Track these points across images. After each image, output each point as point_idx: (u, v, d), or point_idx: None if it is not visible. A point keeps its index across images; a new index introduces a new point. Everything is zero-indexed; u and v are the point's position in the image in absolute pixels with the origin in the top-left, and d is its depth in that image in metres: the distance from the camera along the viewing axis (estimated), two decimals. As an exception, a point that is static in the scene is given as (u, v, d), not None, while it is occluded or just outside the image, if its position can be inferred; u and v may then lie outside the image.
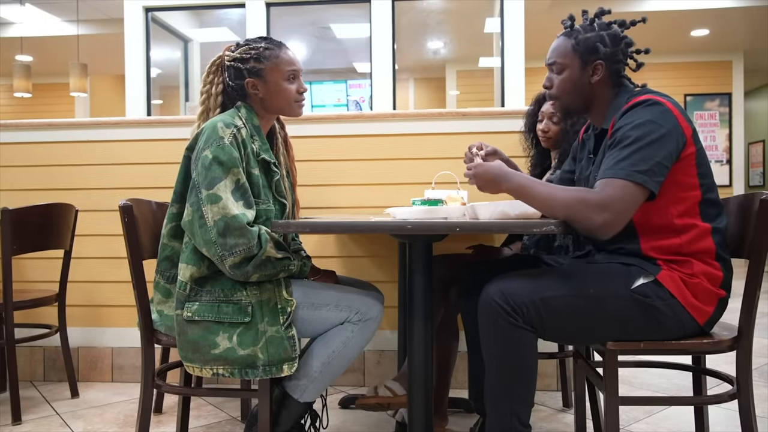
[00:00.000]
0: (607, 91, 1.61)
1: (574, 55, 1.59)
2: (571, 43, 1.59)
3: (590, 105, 1.63)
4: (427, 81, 9.65)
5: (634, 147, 1.41)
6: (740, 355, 1.51)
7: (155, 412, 2.36)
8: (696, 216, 1.49)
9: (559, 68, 1.61)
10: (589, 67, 1.59)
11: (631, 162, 1.40)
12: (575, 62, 1.59)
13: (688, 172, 1.47)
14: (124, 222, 1.72)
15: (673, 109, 1.47)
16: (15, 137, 2.84)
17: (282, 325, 1.59)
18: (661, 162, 1.41)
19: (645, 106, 1.47)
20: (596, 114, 1.64)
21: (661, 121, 1.43)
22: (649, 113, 1.45)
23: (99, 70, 8.41)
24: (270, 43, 1.77)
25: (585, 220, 1.38)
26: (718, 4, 6.18)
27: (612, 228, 1.39)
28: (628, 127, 1.45)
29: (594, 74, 1.59)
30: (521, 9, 4.01)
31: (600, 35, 1.58)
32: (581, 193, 1.42)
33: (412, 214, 1.51)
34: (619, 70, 1.61)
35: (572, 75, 1.60)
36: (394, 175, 2.65)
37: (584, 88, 1.60)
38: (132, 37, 4.42)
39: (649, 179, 1.39)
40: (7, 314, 2.27)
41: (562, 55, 1.60)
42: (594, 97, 1.61)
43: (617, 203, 1.38)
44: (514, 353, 1.45)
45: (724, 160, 7.83)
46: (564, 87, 1.61)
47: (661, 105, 1.46)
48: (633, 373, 2.82)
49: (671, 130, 1.43)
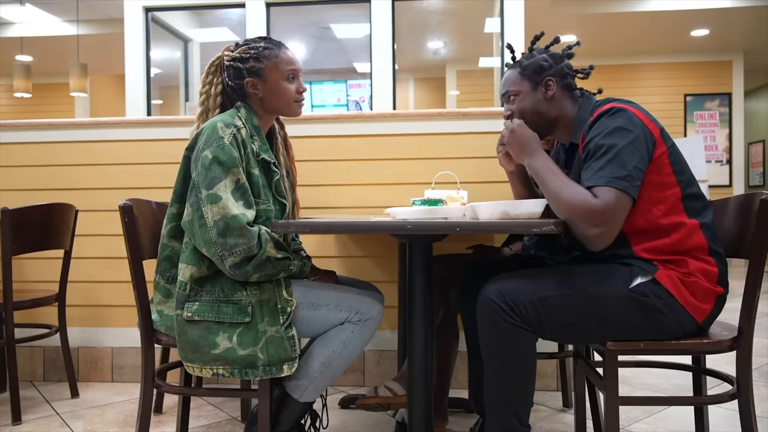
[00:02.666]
0: (567, 106, 1.68)
1: (522, 80, 1.69)
2: (517, 71, 1.70)
3: (554, 123, 1.70)
4: (427, 81, 9.66)
5: (608, 156, 1.45)
6: (740, 355, 1.51)
7: (155, 412, 2.36)
8: (681, 213, 1.51)
9: (513, 96, 1.70)
10: (541, 86, 1.67)
11: (609, 170, 1.44)
12: (525, 86, 1.68)
13: (663, 171, 1.50)
14: (124, 222, 1.72)
15: (637, 113, 1.51)
16: (15, 137, 2.84)
17: (282, 325, 1.59)
18: (637, 166, 1.45)
19: (609, 115, 1.51)
20: (562, 130, 1.71)
21: (629, 127, 1.47)
22: (615, 121, 1.49)
23: (99, 70, 8.41)
24: (269, 43, 1.77)
25: (582, 228, 1.43)
26: (718, 4, 6.18)
27: (603, 240, 1.44)
28: (598, 138, 1.49)
29: (547, 91, 1.67)
30: (521, 9, 4.01)
31: (541, 56, 1.68)
32: (586, 198, 1.43)
33: (412, 214, 1.51)
34: (570, 84, 1.69)
35: (527, 98, 1.68)
36: (394, 175, 2.65)
37: (542, 108, 1.68)
38: (132, 37, 4.42)
39: (629, 185, 1.43)
40: (7, 314, 2.27)
41: (512, 83, 1.70)
42: (555, 114, 1.68)
43: (612, 213, 1.41)
44: (512, 353, 1.45)
45: (724, 160, 7.83)
46: (523, 111, 1.69)
47: (625, 111, 1.51)
48: (633, 373, 2.82)
49: (639, 135, 1.47)
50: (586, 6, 6.35)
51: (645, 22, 6.67)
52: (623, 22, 6.65)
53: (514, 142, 1.62)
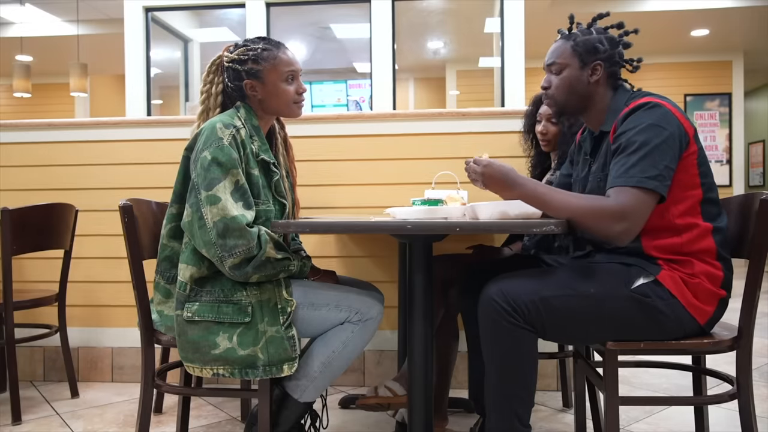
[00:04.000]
0: (604, 93, 1.63)
1: (573, 56, 1.61)
2: (570, 45, 1.62)
3: (587, 106, 1.64)
4: (427, 81, 9.65)
5: (641, 153, 1.43)
6: (740, 355, 1.51)
7: (155, 412, 2.36)
8: (697, 215, 1.50)
9: (558, 68, 1.63)
10: (588, 67, 1.61)
11: (641, 168, 1.41)
12: (574, 62, 1.61)
13: (690, 172, 1.48)
14: (124, 222, 1.72)
15: (674, 111, 1.48)
16: (15, 137, 2.84)
17: (282, 325, 1.59)
18: (669, 165, 1.43)
19: (646, 109, 1.48)
20: (593, 116, 1.65)
21: (664, 124, 1.45)
22: (651, 117, 1.46)
23: (99, 70, 8.41)
24: (268, 44, 1.77)
25: (604, 229, 1.41)
26: (718, 4, 6.18)
27: (630, 236, 1.42)
28: (632, 132, 1.46)
29: (593, 74, 1.61)
30: (521, 9, 4.01)
31: (598, 37, 1.61)
32: (597, 201, 1.43)
33: (412, 214, 1.51)
34: (616, 72, 1.64)
35: (571, 74, 1.61)
36: (394, 175, 2.65)
37: (582, 89, 1.62)
38: (132, 37, 4.42)
39: (660, 184, 1.41)
40: (7, 314, 2.27)
41: (561, 55, 1.63)
42: (591, 98, 1.63)
43: (634, 212, 1.40)
44: (514, 353, 1.45)
45: (724, 160, 7.83)
46: (563, 86, 1.63)
47: (661, 107, 1.48)
48: (633, 373, 2.82)
49: (674, 132, 1.45)
50: (586, 6, 6.35)
51: (645, 22, 6.66)
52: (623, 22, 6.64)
53: (491, 182, 1.53)
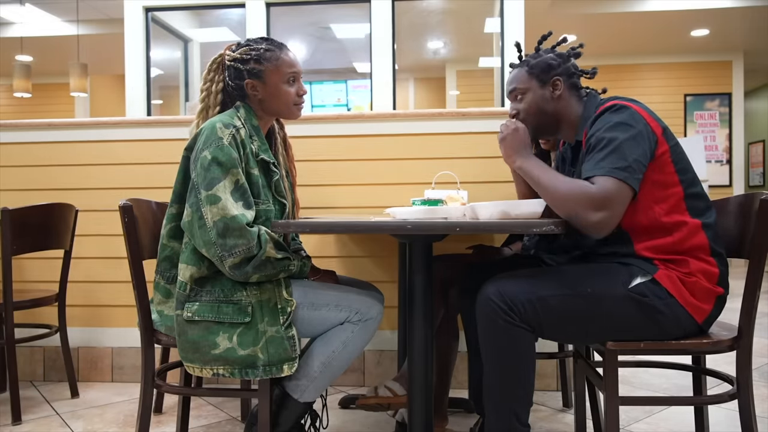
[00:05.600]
0: (573, 105, 1.69)
1: (530, 78, 1.69)
2: (525, 69, 1.71)
3: (559, 121, 1.70)
4: (427, 81, 9.65)
5: (609, 148, 1.46)
6: (740, 355, 1.51)
7: (155, 412, 2.36)
8: (683, 212, 1.51)
9: (520, 94, 1.71)
10: (548, 84, 1.68)
11: (610, 161, 1.44)
12: (534, 84, 1.69)
13: (665, 170, 1.50)
14: (124, 222, 1.72)
15: (640, 111, 1.52)
16: (15, 137, 2.84)
17: (282, 325, 1.59)
18: (638, 159, 1.45)
19: (613, 111, 1.52)
20: (567, 129, 1.71)
21: (632, 122, 1.48)
22: (618, 116, 1.50)
23: (99, 70, 8.41)
24: (271, 45, 1.77)
25: (583, 215, 1.41)
26: (718, 4, 6.18)
27: (605, 228, 1.42)
28: (600, 131, 1.50)
29: (555, 90, 1.68)
30: (521, 9, 4.01)
31: (549, 56, 1.70)
32: (582, 186, 1.44)
33: (412, 214, 1.51)
34: (576, 83, 1.71)
35: (535, 96, 1.69)
36: (394, 175, 2.65)
37: (550, 106, 1.69)
38: (132, 37, 4.42)
39: (629, 176, 1.43)
40: (7, 314, 2.27)
41: (520, 81, 1.71)
42: (561, 113, 1.69)
43: (613, 200, 1.41)
44: (512, 352, 1.46)
45: (724, 160, 7.83)
46: (530, 109, 1.70)
47: (628, 108, 1.52)
48: (633, 373, 2.82)
49: (642, 131, 1.48)
50: (586, 6, 6.35)
51: (645, 22, 6.67)
52: (623, 22, 6.65)
53: (512, 141, 1.63)
